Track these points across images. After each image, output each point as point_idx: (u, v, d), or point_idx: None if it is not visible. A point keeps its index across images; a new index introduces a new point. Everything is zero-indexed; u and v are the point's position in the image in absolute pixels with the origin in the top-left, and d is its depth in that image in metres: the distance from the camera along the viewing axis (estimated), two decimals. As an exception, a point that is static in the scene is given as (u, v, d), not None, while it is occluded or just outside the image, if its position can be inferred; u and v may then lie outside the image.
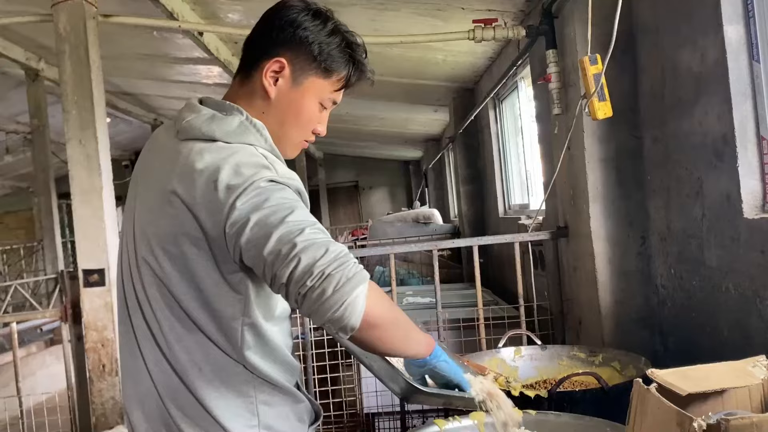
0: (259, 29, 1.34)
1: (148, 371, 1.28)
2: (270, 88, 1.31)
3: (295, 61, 1.31)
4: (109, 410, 3.38)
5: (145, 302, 1.27)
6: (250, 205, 1.14)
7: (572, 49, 2.96)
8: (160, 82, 8.51)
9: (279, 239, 1.11)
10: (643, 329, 2.85)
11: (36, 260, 10.76)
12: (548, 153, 3.67)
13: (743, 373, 1.28)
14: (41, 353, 7.14)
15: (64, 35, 3.38)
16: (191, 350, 1.24)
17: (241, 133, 1.25)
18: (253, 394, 1.26)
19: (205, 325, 1.23)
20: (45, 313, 4.93)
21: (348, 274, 1.09)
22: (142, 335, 1.29)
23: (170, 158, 1.25)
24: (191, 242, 1.20)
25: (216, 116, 1.27)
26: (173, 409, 1.25)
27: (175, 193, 1.20)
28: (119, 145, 13.51)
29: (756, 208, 2.07)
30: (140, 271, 1.27)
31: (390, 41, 3.98)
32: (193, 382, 1.24)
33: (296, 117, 1.34)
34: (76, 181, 3.39)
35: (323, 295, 1.08)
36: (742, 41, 2.08)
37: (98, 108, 3.41)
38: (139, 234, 1.29)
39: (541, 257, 4.03)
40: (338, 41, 1.34)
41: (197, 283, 1.21)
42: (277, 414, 1.29)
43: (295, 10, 1.32)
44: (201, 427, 1.24)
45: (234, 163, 1.18)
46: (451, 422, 1.72)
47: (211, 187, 1.16)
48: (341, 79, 1.36)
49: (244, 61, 1.36)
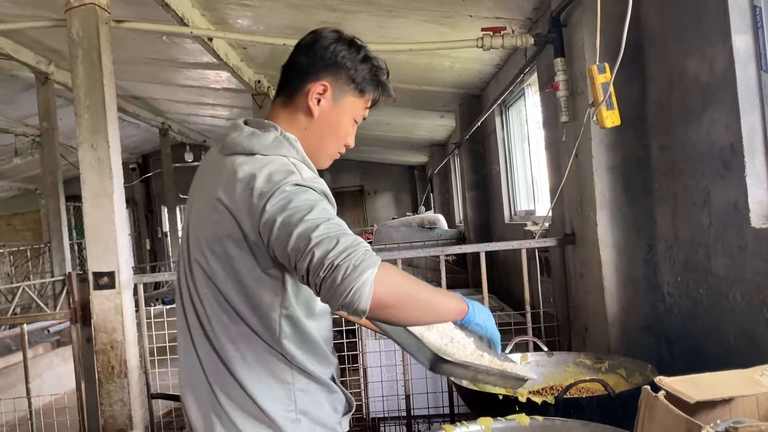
0: (301, 57, 1.52)
1: (200, 362, 1.44)
2: (314, 108, 1.49)
3: (336, 84, 1.50)
4: (118, 412, 3.40)
5: (197, 300, 1.43)
6: (277, 208, 1.28)
7: (580, 57, 2.97)
8: (168, 86, 8.55)
9: (298, 236, 1.24)
10: (649, 336, 2.86)
11: (42, 262, 10.81)
12: (555, 160, 3.68)
13: (751, 381, 1.29)
14: (48, 355, 7.17)
15: (77, 40, 3.41)
16: (236, 340, 1.40)
17: (276, 146, 1.41)
18: (291, 381, 1.41)
19: (248, 318, 1.38)
20: (55, 314, 4.96)
21: (355, 262, 1.19)
22: (195, 330, 1.45)
23: (217, 170, 1.43)
24: (234, 243, 1.36)
25: (255, 133, 1.45)
26: (221, 395, 1.40)
27: (220, 201, 1.37)
28: (127, 148, 13.57)
29: (763, 217, 2.08)
30: (193, 272, 1.44)
31: (399, 48, 4.00)
32: (238, 370, 1.39)
33: (334, 132, 1.53)
34: (88, 184, 3.41)
35: (334, 283, 1.19)
36: (751, 51, 2.10)
37: (110, 112, 3.44)
38: (193, 238, 1.46)
39: (547, 264, 4.04)
40: (369, 66, 1.53)
41: (240, 279, 1.37)
42: (313, 401, 1.43)
43: (331, 39, 1.51)
44: (244, 410, 1.39)
45: (267, 171, 1.33)
46: (458, 427, 1.73)
47: (248, 194, 1.32)
48: (371, 99, 1.56)
49: (286, 84, 1.53)
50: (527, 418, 1.74)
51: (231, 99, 9.00)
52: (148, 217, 16.07)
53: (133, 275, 3.60)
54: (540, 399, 2.02)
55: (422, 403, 3.61)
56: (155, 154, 14.39)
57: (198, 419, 1.44)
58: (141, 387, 3.57)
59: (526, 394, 2.08)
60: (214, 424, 1.41)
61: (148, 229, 16.04)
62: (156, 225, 16.06)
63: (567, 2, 3.00)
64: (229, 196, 1.35)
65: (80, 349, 3.53)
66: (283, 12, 4.65)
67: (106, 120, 3.41)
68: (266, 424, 1.39)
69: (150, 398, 3.54)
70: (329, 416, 1.47)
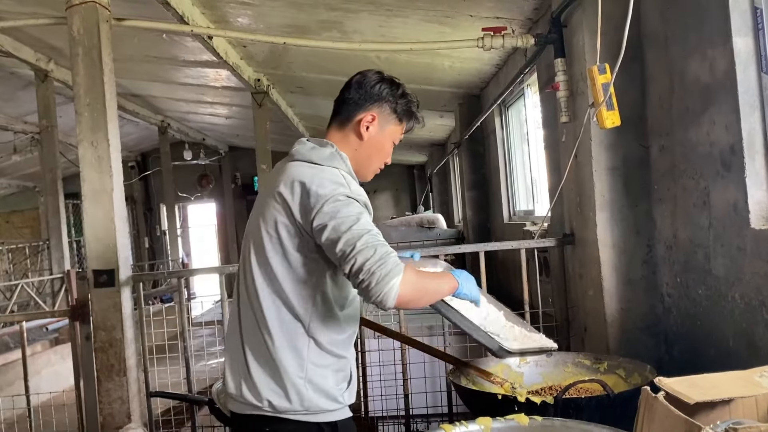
0: (353, 92, 1.87)
1: (240, 328, 1.78)
2: (364, 133, 1.85)
3: (381, 115, 1.87)
4: (117, 410, 3.40)
5: (250, 274, 1.76)
6: (329, 214, 1.63)
7: (580, 57, 2.98)
8: (168, 84, 8.55)
9: (345, 242, 1.60)
10: (648, 337, 2.86)
11: (41, 259, 10.80)
12: (554, 160, 3.69)
13: (750, 382, 1.29)
14: (46, 352, 7.17)
15: (77, 38, 3.40)
16: (273, 311, 1.72)
17: (330, 159, 1.77)
18: (306, 353, 1.72)
19: (289, 291, 1.71)
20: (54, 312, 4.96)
21: (386, 271, 1.57)
22: (243, 300, 1.79)
23: (281, 173, 1.78)
24: (285, 228, 1.71)
25: (315, 147, 1.81)
26: (249, 357, 1.73)
27: (280, 194, 1.71)
28: (126, 146, 13.54)
29: (763, 218, 2.08)
30: (250, 250, 1.78)
31: (399, 48, 4.01)
32: (267, 337, 1.71)
33: (379, 152, 1.90)
34: (87, 182, 3.41)
35: (369, 286, 1.57)
36: (751, 53, 2.10)
37: (110, 110, 3.44)
38: (257, 225, 1.78)
39: (546, 264, 4.04)
40: (406, 101, 1.89)
41: (287, 257, 1.72)
42: (321, 374, 1.72)
43: (376, 79, 1.88)
44: (265, 371, 1.71)
45: (322, 177, 1.69)
46: (458, 427, 1.73)
47: (304, 193, 1.68)
48: (406, 126, 1.92)
49: (339, 114, 1.89)
50: (526, 418, 1.74)
51: (230, 97, 9.00)
52: (147, 215, 16.05)
53: (133, 273, 3.60)
54: (539, 399, 2.02)
55: (421, 402, 3.62)
56: (154, 152, 14.38)
57: (230, 379, 1.77)
58: (140, 385, 3.57)
59: (525, 394, 2.08)
60: (241, 383, 1.74)
61: (146, 228, 16.02)
62: (155, 223, 16.05)
63: (567, 3, 3.01)
64: (287, 190, 1.70)
65: (79, 346, 3.53)
66: (283, 11, 4.65)
67: (106, 118, 3.41)
68: (279, 385, 1.70)
69: (149, 396, 3.54)
70: (332, 388, 1.74)
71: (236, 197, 15.99)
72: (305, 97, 8.33)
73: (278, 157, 2.17)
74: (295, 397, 1.69)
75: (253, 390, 1.71)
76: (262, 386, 1.70)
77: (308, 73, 6.69)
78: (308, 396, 1.70)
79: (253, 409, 1.72)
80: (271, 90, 7.64)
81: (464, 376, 2.42)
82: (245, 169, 15.12)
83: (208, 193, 15.85)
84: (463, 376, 2.42)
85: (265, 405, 1.70)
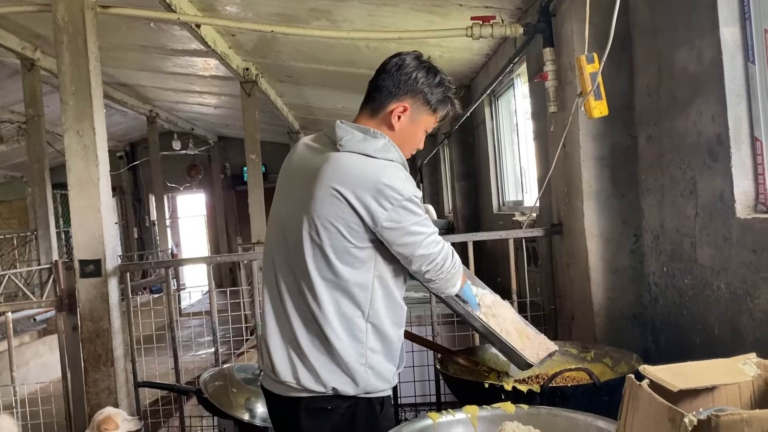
0: (387, 80, 1.82)
1: (287, 316, 1.81)
2: (396, 123, 1.82)
3: (414, 105, 1.83)
4: (104, 400, 3.39)
5: (298, 263, 1.78)
6: (398, 216, 1.71)
7: (569, 47, 2.97)
8: (156, 73, 8.48)
9: (416, 246, 1.75)
10: (634, 326, 2.88)
11: (29, 250, 10.73)
12: (543, 150, 3.69)
13: (734, 370, 1.30)
14: (34, 343, 7.13)
15: (62, 25, 3.37)
16: (331, 303, 1.76)
17: (385, 151, 1.77)
18: (365, 341, 1.78)
19: (347, 279, 1.75)
20: (40, 302, 4.93)
21: (453, 275, 1.87)
22: (291, 289, 1.81)
23: (331, 162, 1.75)
24: (345, 224, 1.72)
25: (367, 138, 1.78)
26: (305, 345, 1.77)
27: (338, 191, 1.70)
28: (114, 136, 13.46)
29: (749, 207, 2.09)
30: (302, 242, 1.77)
31: (388, 37, 3.99)
32: (325, 326, 1.75)
33: (410, 141, 1.88)
34: (74, 172, 3.38)
35: (439, 286, 1.88)
36: (738, 43, 2.10)
37: (96, 99, 3.40)
38: (303, 213, 1.77)
39: (534, 254, 4.05)
40: (443, 90, 1.85)
41: (346, 249, 1.74)
42: (378, 360, 1.81)
43: (413, 66, 1.82)
44: (324, 357, 1.77)
45: (387, 175, 1.71)
46: (444, 416, 1.74)
47: (375, 196, 1.69)
48: (442, 114, 1.90)
49: (372, 101, 1.85)
50: (513, 407, 1.75)
51: (219, 87, 8.94)
52: (136, 206, 15.97)
53: (120, 263, 3.58)
54: (526, 388, 2.03)
55: (409, 391, 3.63)
56: (143, 142, 14.28)
57: (284, 366, 1.80)
58: (127, 375, 3.56)
59: (511, 383, 2.09)
60: (298, 369, 1.78)
61: (135, 218, 15.94)
62: (144, 213, 15.97)
63: (556, -8, 3.00)
64: (347, 188, 1.70)
65: (66, 337, 3.51)
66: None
67: (92, 107, 3.38)
68: (345, 373, 1.77)
69: (136, 386, 3.53)
70: (387, 371, 1.84)
71: (226, 187, 15.92)
72: (295, 87, 8.29)
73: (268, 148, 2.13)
74: (359, 383, 1.78)
75: (316, 377, 1.77)
76: (326, 375, 1.77)
77: (297, 63, 6.65)
78: (370, 381, 1.79)
79: (313, 393, 1.79)
80: (260, 79, 7.60)
81: (452, 366, 2.42)
82: (235, 159, 15.04)
83: (197, 183, 15.78)
84: (451, 365, 2.43)
85: (329, 390, 1.78)
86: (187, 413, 3.74)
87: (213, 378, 2.62)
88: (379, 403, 1.85)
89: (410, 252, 1.75)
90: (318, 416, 1.81)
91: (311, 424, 1.81)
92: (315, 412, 1.81)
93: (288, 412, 1.85)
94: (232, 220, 15.80)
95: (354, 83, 6.93)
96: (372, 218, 1.70)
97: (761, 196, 2.09)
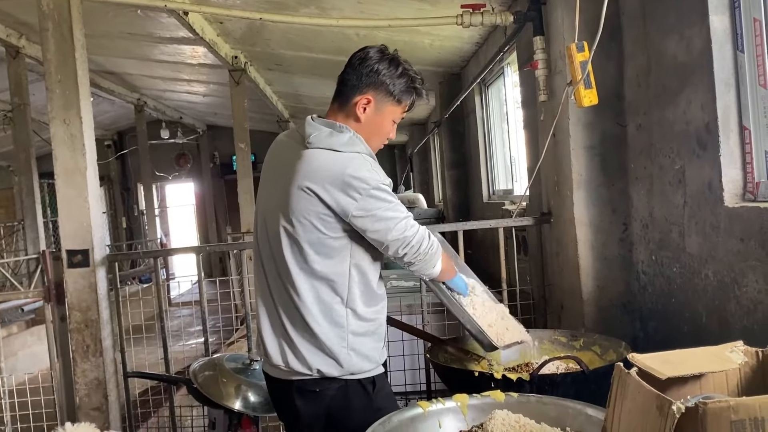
0: (350, 74, 1.90)
1: (275, 306, 1.90)
2: (361, 115, 1.89)
3: (378, 97, 1.89)
4: (93, 390, 3.38)
5: (279, 256, 1.87)
6: (368, 205, 1.78)
7: (559, 35, 2.97)
8: (143, 61, 8.40)
9: (391, 230, 1.80)
10: (623, 314, 2.90)
11: (16, 240, 10.65)
12: (533, 139, 3.69)
13: (721, 358, 1.31)
14: (22, 333, 7.10)
15: (47, 12, 3.32)
16: (310, 293, 1.84)
17: (351, 144, 1.84)
18: (345, 325, 1.86)
19: (324, 269, 1.83)
20: (28, 293, 4.90)
21: (431, 256, 1.91)
22: (274, 281, 1.91)
23: (302, 161, 1.83)
24: (318, 217, 1.80)
25: (333, 132, 1.85)
26: (292, 332, 1.87)
27: (309, 188, 1.78)
28: (102, 124, 13.34)
29: (736, 196, 2.10)
30: (277, 234, 1.86)
31: (378, 24, 3.97)
32: (306, 315, 1.84)
33: (378, 133, 1.95)
34: (60, 161, 3.35)
35: (419, 268, 1.92)
36: (727, 31, 2.11)
37: (82, 87, 3.36)
38: (278, 209, 1.86)
39: (524, 242, 4.06)
40: (405, 80, 1.90)
41: (321, 240, 1.82)
42: (360, 342, 1.89)
43: (375, 59, 1.88)
44: (311, 344, 1.85)
45: (353, 167, 1.78)
46: (434, 404, 1.74)
47: (343, 188, 1.76)
48: (407, 105, 1.95)
49: (340, 95, 1.92)
50: (502, 395, 1.75)
51: (207, 75, 8.87)
52: (124, 195, 15.87)
53: (108, 253, 3.56)
54: (515, 376, 2.04)
55: (399, 379, 3.64)
56: (131, 131, 14.16)
57: (275, 351, 1.90)
58: (116, 366, 3.55)
59: (501, 371, 2.10)
60: (287, 353, 1.88)
61: (124, 207, 15.85)
62: (132, 203, 15.87)
63: (547, -20, 2.99)
64: (317, 184, 1.78)
65: (54, 327, 3.49)
66: (260, -14, 4.58)
67: (78, 95, 3.34)
68: (328, 355, 1.85)
69: (126, 377, 3.52)
70: (371, 350, 1.92)
71: (215, 176, 15.86)
72: (283, 75, 8.24)
73: (257, 136, 2.11)
74: (343, 365, 1.86)
75: (302, 361, 1.86)
76: (311, 358, 1.86)
77: (286, 51, 6.61)
78: (353, 362, 1.87)
79: (302, 375, 1.88)
80: (249, 67, 7.55)
81: (442, 354, 2.43)
82: (224, 148, 14.96)
83: (186, 172, 15.70)
84: (441, 353, 2.43)
85: (315, 373, 1.86)
86: (177, 403, 3.73)
87: (203, 368, 2.61)
88: (370, 382, 1.92)
89: (383, 237, 1.81)
90: (309, 398, 1.90)
91: (305, 405, 1.91)
92: (306, 394, 1.90)
93: (284, 393, 1.95)
94: (222, 209, 15.75)
95: (344, 72, 6.90)
96: (342, 209, 1.78)
97: (749, 185, 2.10)
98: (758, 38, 2.04)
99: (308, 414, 1.92)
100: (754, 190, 2.08)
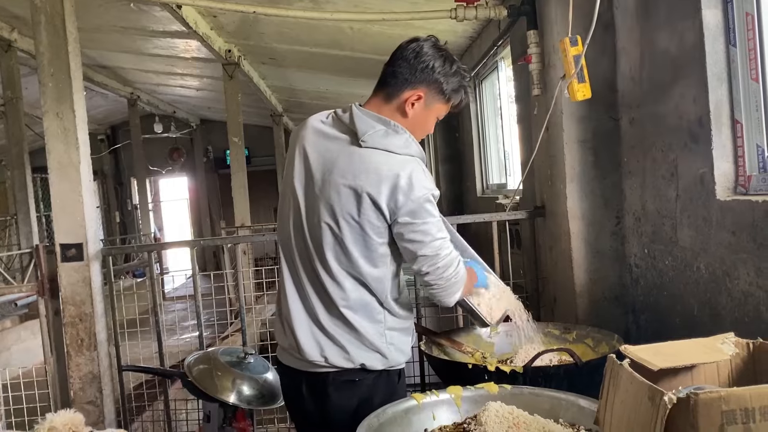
0: (403, 67, 1.83)
1: (311, 303, 1.88)
2: (409, 111, 1.85)
3: (429, 93, 1.85)
4: (88, 385, 3.38)
5: (317, 253, 1.84)
6: (417, 212, 1.76)
7: (553, 29, 2.97)
8: (137, 55, 8.36)
9: (426, 245, 1.79)
10: (616, 307, 2.92)
11: (9, 234, 10.60)
12: (527, 133, 3.70)
13: (712, 349, 1.32)
14: (16, 328, 7.07)
15: (39, 5, 3.30)
16: (353, 292, 1.84)
17: (406, 147, 1.81)
18: (383, 321, 1.89)
19: (367, 271, 1.83)
20: (21, 287, 4.88)
21: (453, 284, 1.88)
22: (310, 276, 1.88)
23: (356, 159, 1.79)
24: (368, 221, 1.78)
25: (388, 132, 1.81)
26: (330, 326, 1.86)
27: (365, 191, 1.75)
28: (95, 118, 13.28)
29: (728, 189, 2.12)
30: (321, 230, 1.83)
31: (372, 18, 3.96)
32: (350, 312, 1.85)
33: (422, 128, 1.91)
34: (54, 154, 3.34)
35: (440, 294, 1.90)
36: (720, 25, 2.11)
37: (75, 80, 3.35)
38: (323, 203, 1.82)
39: (517, 236, 4.08)
40: (458, 79, 1.87)
41: (366, 241, 1.80)
42: (397, 337, 1.92)
43: (430, 54, 1.83)
44: (352, 339, 1.86)
45: (407, 173, 1.75)
46: (428, 396, 1.75)
47: (394, 190, 1.74)
48: (455, 103, 1.93)
49: (387, 86, 1.86)
50: (496, 387, 1.76)
51: (201, 69, 8.84)
52: (118, 189, 15.82)
53: (102, 247, 3.55)
54: (509, 368, 2.05)
55: (394, 373, 3.64)
56: (124, 125, 14.11)
57: (311, 347, 1.87)
58: (111, 360, 3.55)
59: (495, 363, 2.11)
60: (325, 349, 1.87)
61: (117, 202, 15.80)
62: (126, 197, 15.82)
63: (540, -26, 2.99)
64: (373, 187, 1.75)
65: (48, 322, 3.49)
66: (254, -20, 4.55)
67: (71, 88, 3.32)
68: (373, 350, 1.87)
69: (120, 371, 3.52)
70: (405, 342, 1.97)
71: (208, 171, 15.82)
72: (278, 69, 8.22)
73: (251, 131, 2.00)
74: (388, 357, 1.90)
75: (346, 356, 1.87)
76: (354, 351, 1.87)
77: (280, 44, 6.59)
78: (393, 356, 1.91)
79: (341, 368, 1.88)
80: (243, 61, 7.52)
81: (436, 347, 2.44)
82: (217, 143, 14.93)
83: (179, 166, 15.65)
84: (435, 346, 2.44)
85: (357, 365, 1.88)
86: (171, 397, 3.74)
87: (197, 361, 2.62)
88: (397, 374, 1.98)
89: (417, 249, 1.80)
90: (345, 388, 1.90)
91: (338, 395, 1.91)
92: (342, 384, 1.90)
93: (314, 385, 1.94)
94: (215, 203, 15.72)
95: (338, 65, 6.88)
96: (391, 213, 1.77)
97: (741, 179, 2.11)
98: (750, 32, 2.05)
99: (339, 404, 1.91)
100: (746, 184, 2.09)
